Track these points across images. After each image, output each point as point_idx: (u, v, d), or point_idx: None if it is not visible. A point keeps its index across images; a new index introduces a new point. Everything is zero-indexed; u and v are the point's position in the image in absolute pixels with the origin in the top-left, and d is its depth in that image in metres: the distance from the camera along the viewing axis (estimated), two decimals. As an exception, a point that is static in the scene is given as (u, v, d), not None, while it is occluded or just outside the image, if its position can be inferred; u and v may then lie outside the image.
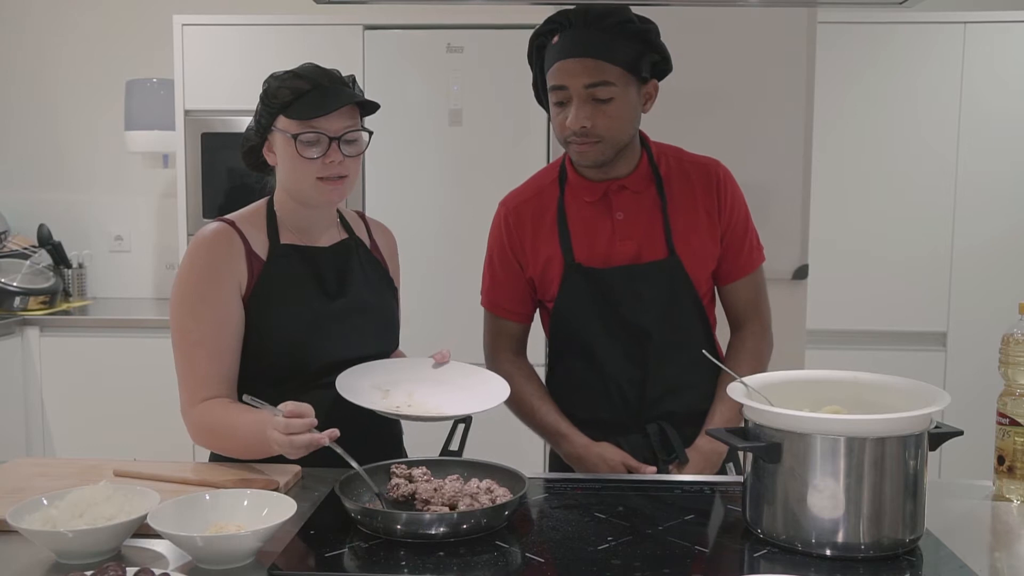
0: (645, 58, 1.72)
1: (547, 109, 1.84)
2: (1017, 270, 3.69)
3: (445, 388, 1.66)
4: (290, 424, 1.42)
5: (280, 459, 1.61)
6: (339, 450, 1.43)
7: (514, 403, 1.82)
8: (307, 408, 1.44)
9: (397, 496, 1.42)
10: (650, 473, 1.72)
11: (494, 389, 1.66)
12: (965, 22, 3.63)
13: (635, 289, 1.77)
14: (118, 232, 4.32)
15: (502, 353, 1.91)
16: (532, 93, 1.86)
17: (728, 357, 1.88)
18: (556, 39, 1.73)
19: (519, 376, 1.86)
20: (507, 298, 1.89)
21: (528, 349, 1.95)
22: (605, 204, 1.80)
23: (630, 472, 1.74)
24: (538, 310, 1.92)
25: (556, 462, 1.90)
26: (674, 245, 1.78)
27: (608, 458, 1.76)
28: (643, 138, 1.84)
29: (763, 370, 1.81)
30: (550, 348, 1.90)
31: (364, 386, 1.61)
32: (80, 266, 4.19)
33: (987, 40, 3.63)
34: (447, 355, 1.73)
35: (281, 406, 1.45)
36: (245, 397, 1.51)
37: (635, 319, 1.78)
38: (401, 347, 1.86)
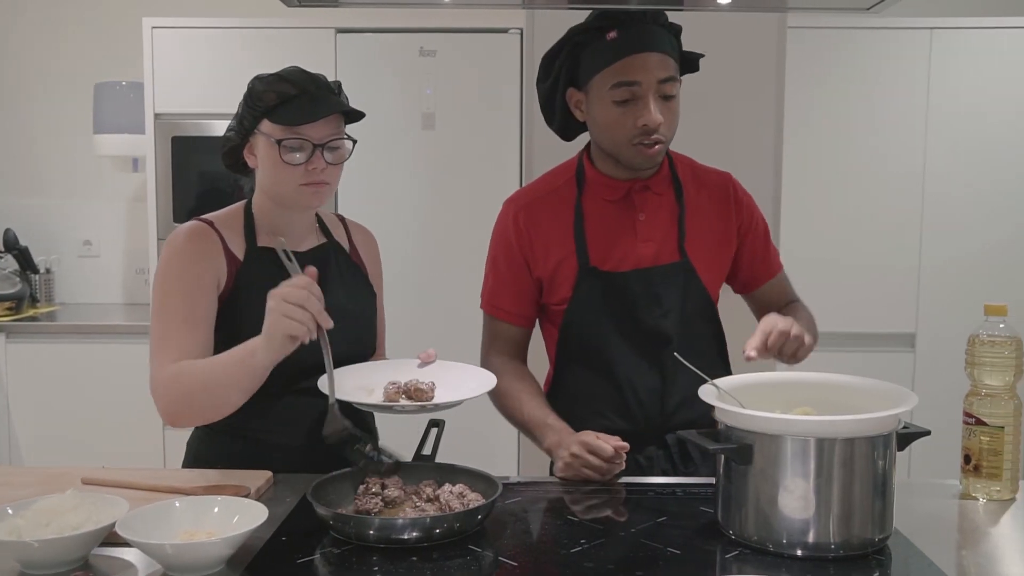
0: (682, 55, 1.73)
1: (550, 115, 1.80)
2: (983, 272, 3.74)
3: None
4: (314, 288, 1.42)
5: (252, 464, 1.62)
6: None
7: (500, 398, 1.78)
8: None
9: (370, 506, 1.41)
10: (620, 448, 1.58)
11: (480, 379, 1.62)
12: (931, 28, 3.68)
13: (653, 292, 1.74)
14: (87, 237, 4.28)
15: (496, 356, 1.85)
16: (505, 95, 1.83)
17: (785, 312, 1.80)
18: (614, 35, 1.66)
19: (509, 375, 1.79)
20: (509, 300, 1.83)
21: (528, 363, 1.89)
22: (627, 204, 1.77)
23: (591, 451, 1.57)
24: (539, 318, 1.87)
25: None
26: (686, 250, 1.76)
27: (580, 440, 1.60)
28: None
29: (814, 324, 1.81)
30: (557, 356, 1.84)
31: (348, 387, 1.59)
32: (48, 271, 4.14)
33: (953, 46, 3.68)
34: (433, 354, 1.69)
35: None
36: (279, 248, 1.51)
37: (654, 323, 1.74)
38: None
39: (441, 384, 1.59)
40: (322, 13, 3.59)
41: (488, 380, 1.62)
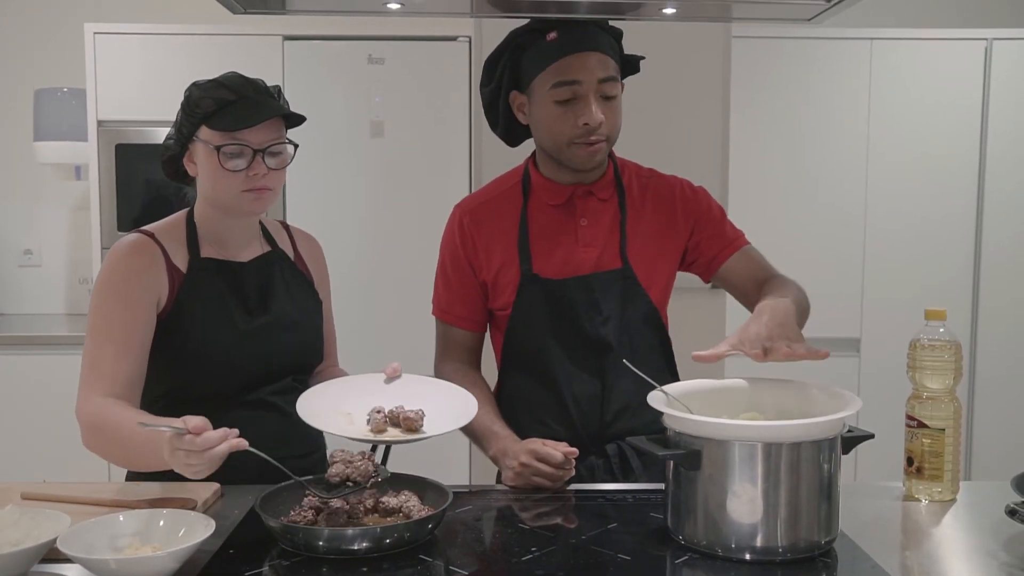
0: (623, 58, 1.74)
1: (493, 119, 1.81)
2: (926, 276, 3.83)
3: (408, 404, 1.54)
4: (208, 438, 1.30)
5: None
6: (260, 453, 1.35)
7: None
8: (205, 420, 1.34)
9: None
10: (568, 453, 1.58)
11: (461, 401, 1.57)
12: (871, 39, 3.76)
13: (593, 299, 1.73)
14: (28, 246, 4.18)
15: (448, 363, 1.84)
16: (454, 103, 1.82)
17: (769, 291, 1.70)
18: (554, 35, 1.68)
19: (459, 382, 1.74)
20: (458, 304, 1.83)
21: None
22: (569, 209, 1.77)
23: (540, 459, 1.58)
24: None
25: None
26: (627, 256, 1.75)
27: (528, 449, 1.61)
28: None
29: (806, 297, 1.73)
30: (502, 362, 1.84)
31: (323, 411, 1.53)
32: (-13, 281, 4.04)
33: (892, 56, 3.77)
34: (398, 369, 1.66)
35: (181, 422, 1.33)
36: (138, 421, 1.39)
37: (594, 331, 1.73)
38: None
39: (424, 408, 1.52)
40: (269, 20, 3.55)
41: (471, 404, 1.55)
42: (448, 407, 1.55)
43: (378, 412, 1.48)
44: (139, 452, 1.47)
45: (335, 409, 1.54)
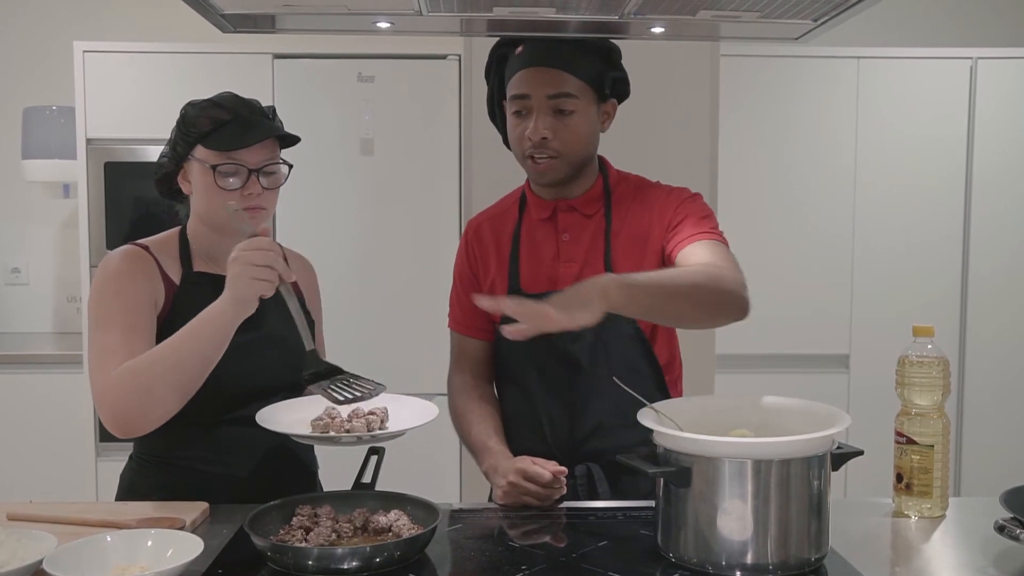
0: (607, 76, 1.72)
1: (500, 128, 1.82)
2: (914, 293, 3.85)
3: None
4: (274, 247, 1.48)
5: (187, 495, 1.58)
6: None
7: (455, 419, 1.79)
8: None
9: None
10: (558, 472, 1.58)
11: (422, 410, 1.60)
12: (858, 57, 3.79)
13: None
14: (15, 264, 4.17)
15: (458, 375, 1.85)
16: (443, 121, 1.83)
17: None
18: (520, 49, 1.70)
19: (465, 395, 1.79)
20: (469, 314, 1.84)
21: None
22: (552, 224, 1.78)
23: (528, 478, 1.57)
24: None
25: None
26: (612, 271, 1.70)
27: (517, 468, 1.60)
28: (603, 163, 1.81)
29: (712, 282, 1.55)
30: (495, 376, 1.86)
31: (286, 421, 1.56)
32: (-26, 300, 4.02)
33: (879, 74, 3.80)
34: None
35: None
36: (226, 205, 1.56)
37: (564, 347, 1.71)
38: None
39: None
40: (259, 39, 3.54)
41: (429, 411, 1.59)
42: (404, 414, 1.58)
43: (332, 417, 1.54)
44: (195, 343, 1.50)
45: (297, 419, 1.58)
